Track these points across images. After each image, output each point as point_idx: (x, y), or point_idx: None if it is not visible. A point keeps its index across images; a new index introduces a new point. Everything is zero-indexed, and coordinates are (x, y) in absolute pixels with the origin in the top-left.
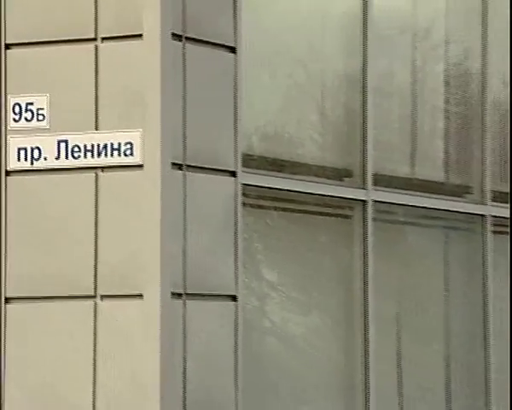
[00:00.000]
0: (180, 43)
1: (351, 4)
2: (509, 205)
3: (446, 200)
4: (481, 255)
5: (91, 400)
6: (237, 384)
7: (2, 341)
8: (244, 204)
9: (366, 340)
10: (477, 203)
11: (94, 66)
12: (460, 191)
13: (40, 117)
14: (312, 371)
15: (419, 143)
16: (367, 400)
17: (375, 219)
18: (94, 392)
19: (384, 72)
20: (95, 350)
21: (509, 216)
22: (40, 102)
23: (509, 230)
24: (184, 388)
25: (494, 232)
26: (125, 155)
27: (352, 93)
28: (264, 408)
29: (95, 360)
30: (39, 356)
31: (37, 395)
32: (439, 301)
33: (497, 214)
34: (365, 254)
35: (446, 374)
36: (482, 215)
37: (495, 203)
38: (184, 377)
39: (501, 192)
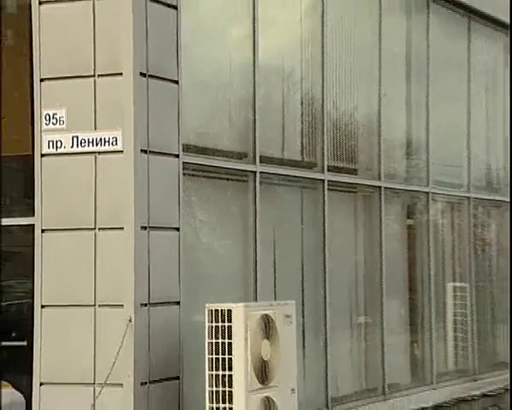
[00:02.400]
0: (145, 78)
1: (247, 55)
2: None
3: (302, 170)
4: (321, 205)
5: (93, 290)
6: (180, 282)
7: (38, 257)
8: (184, 174)
9: (255, 253)
10: (319, 172)
11: (93, 91)
12: (310, 165)
13: (61, 122)
14: (225, 272)
15: (286, 137)
16: (256, 286)
17: (261, 183)
18: (95, 287)
19: (266, 96)
20: (95, 262)
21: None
22: (61, 113)
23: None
24: (148, 284)
25: (329, 190)
26: (112, 144)
27: (247, 108)
28: (196, 297)
29: (95, 267)
30: (61, 267)
31: (60, 290)
32: (298, 231)
33: (331, 179)
34: (255, 205)
35: (301, 274)
36: (322, 180)
37: (330, 173)
38: (148, 278)
39: (333, 166)
